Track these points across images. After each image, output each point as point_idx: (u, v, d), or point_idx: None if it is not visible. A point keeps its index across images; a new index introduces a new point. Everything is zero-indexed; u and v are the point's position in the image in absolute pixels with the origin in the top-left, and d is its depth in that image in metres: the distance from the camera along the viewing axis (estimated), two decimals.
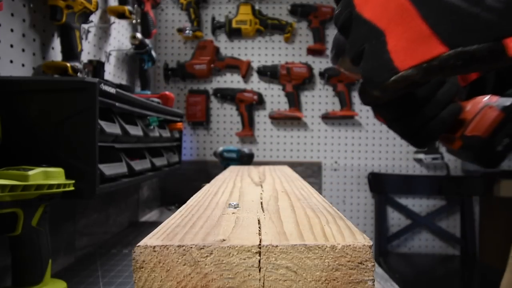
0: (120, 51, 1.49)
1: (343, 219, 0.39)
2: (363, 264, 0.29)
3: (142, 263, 0.28)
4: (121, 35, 1.50)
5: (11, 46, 0.83)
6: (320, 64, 2.07)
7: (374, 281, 0.29)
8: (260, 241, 0.29)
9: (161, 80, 2.06)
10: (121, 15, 1.33)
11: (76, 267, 0.95)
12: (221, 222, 0.36)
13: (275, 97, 2.07)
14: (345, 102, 2.02)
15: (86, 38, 1.20)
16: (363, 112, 2.07)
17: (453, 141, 0.40)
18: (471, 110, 0.39)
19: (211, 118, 2.06)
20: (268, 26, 2.03)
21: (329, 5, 2.05)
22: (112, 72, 1.42)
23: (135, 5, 1.54)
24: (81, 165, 0.71)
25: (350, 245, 0.29)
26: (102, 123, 0.78)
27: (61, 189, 0.64)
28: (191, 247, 0.28)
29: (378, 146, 2.08)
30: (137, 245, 0.29)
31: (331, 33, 2.07)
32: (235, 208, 0.45)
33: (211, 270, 0.28)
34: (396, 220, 2.08)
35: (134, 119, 1.02)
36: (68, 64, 0.92)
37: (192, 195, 0.56)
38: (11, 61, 0.83)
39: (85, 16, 1.00)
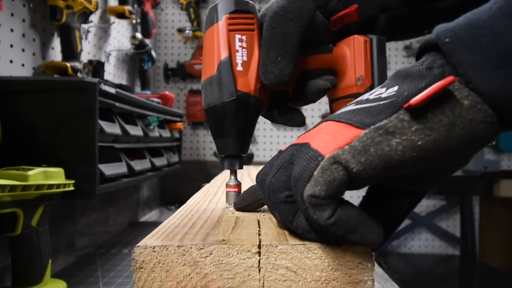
0: (120, 51, 1.49)
1: None
2: (363, 264, 0.29)
3: (141, 263, 0.28)
4: (121, 35, 1.50)
5: (11, 46, 0.83)
6: None
7: (374, 281, 0.29)
8: (259, 241, 0.29)
9: (161, 80, 2.05)
10: (121, 15, 1.33)
11: (76, 267, 0.95)
12: (221, 222, 0.36)
13: None
14: None
15: (86, 38, 1.20)
16: None
17: None
18: None
19: None
20: None
21: None
22: (112, 72, 1.42)
23: (135, 5, 1.54)
24: (81, 165, 0.71)
25: (349, 245, 0.29)
26: (102, 123, 0.78)
27: (61, 189, 0.64)
28: (191, 247, 0.28)
29: None
30: (137, 245, 0.29)
31: None
32: None
33: (210, 270, 0.28)
34: None
35: (134, 119, 1.02)
36: (68, 64, 0.92)
37: (192, 195, 0.56)
38: (11, 61, 0.83)
39: (85, 16, 1.00)
